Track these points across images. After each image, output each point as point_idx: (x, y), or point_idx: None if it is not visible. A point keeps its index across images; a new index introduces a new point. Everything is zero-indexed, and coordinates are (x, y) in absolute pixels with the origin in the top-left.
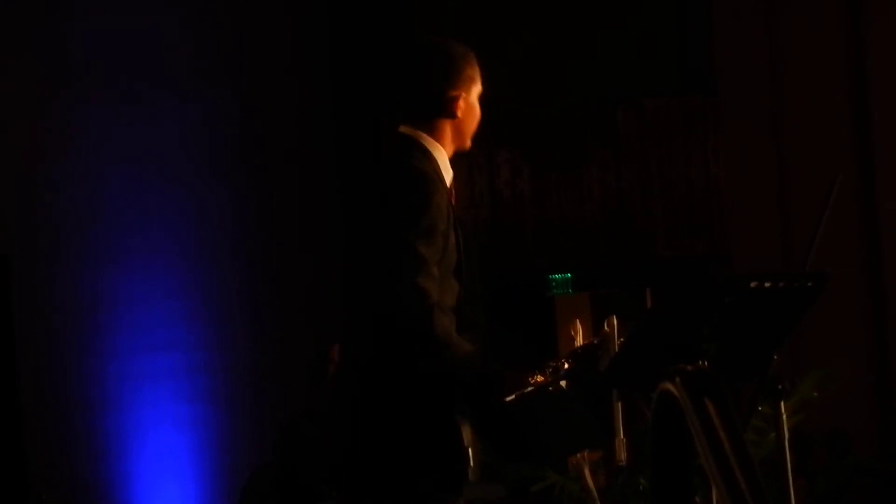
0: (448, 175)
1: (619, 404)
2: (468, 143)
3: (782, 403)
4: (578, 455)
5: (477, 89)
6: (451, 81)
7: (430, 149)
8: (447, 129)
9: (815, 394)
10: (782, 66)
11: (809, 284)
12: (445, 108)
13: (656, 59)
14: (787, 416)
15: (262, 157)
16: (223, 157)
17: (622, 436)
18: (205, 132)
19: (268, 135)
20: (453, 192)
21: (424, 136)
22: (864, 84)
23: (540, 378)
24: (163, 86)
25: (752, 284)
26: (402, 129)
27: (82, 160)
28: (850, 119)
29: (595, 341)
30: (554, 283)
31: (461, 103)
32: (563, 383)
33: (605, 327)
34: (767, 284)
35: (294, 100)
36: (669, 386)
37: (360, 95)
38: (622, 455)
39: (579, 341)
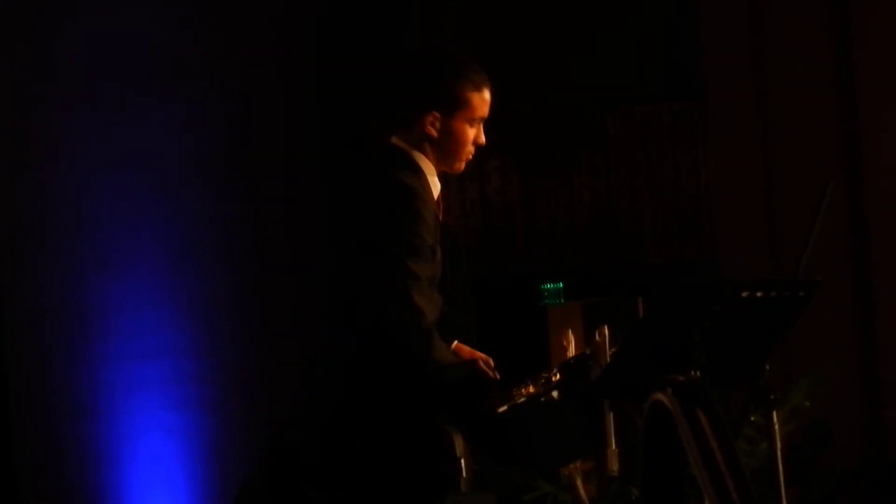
0: (436, 190)
1: (611, 414)
2: (456, 166)
3: (774, 413)
4: (571, 465)
5: (470, 113)
6: (428, 99)
7: (418, 162)
8: (428, 146)
9: (808, 403)
10: (770, 71)
11: (800, 293)
12: (421, 126)
13: (645, 64)
14: (779, 426)
15: (249, 160)
16: (210, 161)
17: (614, 446)
18: (191, 136)
19: (254, 138)
20: (441, 206)
21: (412, 149)
22: (852, 89)
23: (531, 389)
24: (149, 89)
25: (744, 294)
26: (394, 139)
27: (68, 165)
28: (838, 124)
29: (587, 351)
30: (546, 293)
31: (438, 124)
32: (554, 394)
33: (597, 337)
34: (758, 293)
35: (280, 102)
36: (661, 396)
37: (347, 97)
38: (614, 465)
39: (571, 351)
